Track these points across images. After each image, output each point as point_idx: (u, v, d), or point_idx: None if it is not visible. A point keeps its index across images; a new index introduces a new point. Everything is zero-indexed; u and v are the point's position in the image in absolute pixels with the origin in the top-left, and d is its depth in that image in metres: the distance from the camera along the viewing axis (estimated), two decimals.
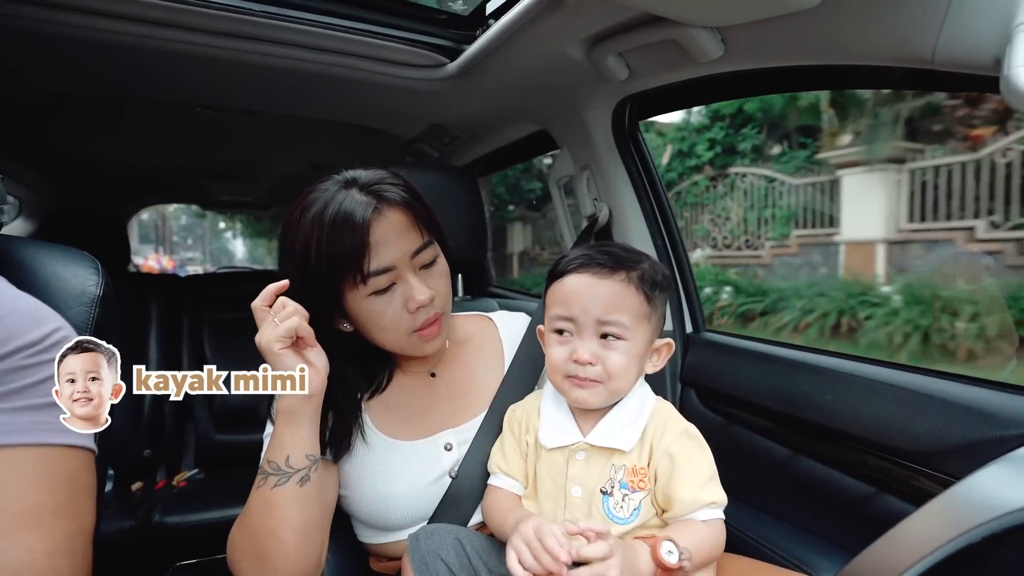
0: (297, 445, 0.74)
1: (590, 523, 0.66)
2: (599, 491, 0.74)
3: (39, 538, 0.54)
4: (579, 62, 1.11)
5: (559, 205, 1.63)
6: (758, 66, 0.95)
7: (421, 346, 0.86)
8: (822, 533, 0.96)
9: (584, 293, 0.74)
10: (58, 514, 0.57)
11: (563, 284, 0.77)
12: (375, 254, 0.77)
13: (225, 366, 2.47)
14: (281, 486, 0.73)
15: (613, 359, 0.73)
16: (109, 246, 2.59)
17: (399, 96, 1.44)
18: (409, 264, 0.81)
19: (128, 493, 2.02)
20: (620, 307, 0.73)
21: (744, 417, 1.14)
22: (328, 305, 0.81)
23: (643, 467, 0.75)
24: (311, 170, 2.49)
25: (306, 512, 0.74)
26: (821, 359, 1.04)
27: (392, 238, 0.78)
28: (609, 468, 0.75)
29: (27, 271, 0.78)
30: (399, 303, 0.81)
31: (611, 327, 0.73)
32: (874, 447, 0.88)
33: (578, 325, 0.74)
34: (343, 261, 0.76)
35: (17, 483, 0.55)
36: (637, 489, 0.74)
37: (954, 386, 0.84)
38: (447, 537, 0.76)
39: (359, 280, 0.78)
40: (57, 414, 0.59)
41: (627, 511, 0.74)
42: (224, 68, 1.27)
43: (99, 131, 1.94)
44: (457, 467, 0.88)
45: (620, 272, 0.75)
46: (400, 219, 0.80)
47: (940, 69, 0.69)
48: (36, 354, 0.59)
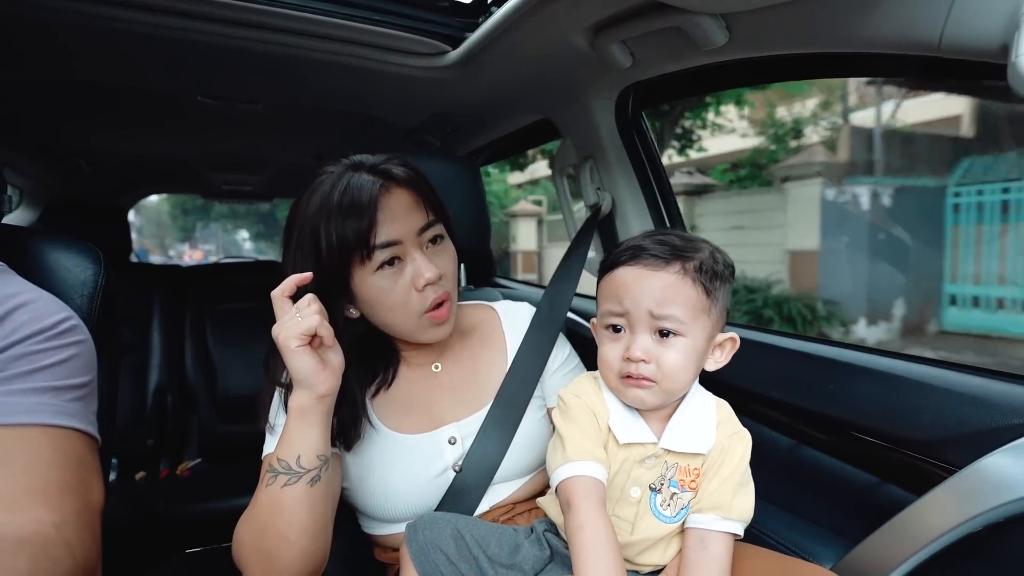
0: (308, 445, 0.73)
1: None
2: (648, 487, 0.73)
3: (48, 511, 0.55)
4: (582, 50, 1.10)
5: (562, 194, 1.63)
6: (763, 54, 0.94)
7: (430, 330, 0.85)
8: (824, 522, 0.96)
9: (635, 286, 0.70)
10: (66, 490, 0.58)
11: (613, 277, 0.73)
12: (381, 228, 0.78)
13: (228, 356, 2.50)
14: (291, 485, 0.72)
15: (669, 357, 0.69)
16: (110, 236, 2.59)
17: (400, 84, 1.43)
18: (416, 241, 0.82)
19: (132, 482, 2.03)
20: (674, 300, 0.69)
21: (747, 407, 1.14)
22: (337, 286, 0.81)
23: (697, 468, 0.73)
24: (312, 160, 2.48)
25: (315, 513, 0.74)
26: (825, 349, 1.04)
27: (399, 214, 0.80)
28: (661, 465, 0.73)
29: (29, 261, 0.78)
30: (407, 280, 0.81)
31: (666, 322, 0.69)
32: (877, 436, 0.88)
33: (630, 320, 0.70)
34: (351, 236, 0.77)
35: (26, 459, 0.56)
36: (688, 489, 0.72)
37: (957, 375, 0.84)
38: (446, 527, 0.75)
39: (366, 255, 0.78)
40: (65, 397, 0.60)
41: (674, 510, 0.72)
42: (224, 56, 1.26)
43: (99, 120, 1.94)
44: (461, 461, 0.88)
45: (675, 263, 0.70)
46: (406, 198, 0.81)
47: (947, 56, 0.69)
48: (47, 340, 0.61)
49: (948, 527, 0.73)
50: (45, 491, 0.56)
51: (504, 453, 0.88)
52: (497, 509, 0.89)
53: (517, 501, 0.90)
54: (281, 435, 0.75)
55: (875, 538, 0.81)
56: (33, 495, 0.55)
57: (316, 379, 0.72)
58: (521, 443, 0.89)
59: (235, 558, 0.76)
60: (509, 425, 0.90)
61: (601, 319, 0.75)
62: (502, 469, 0.88)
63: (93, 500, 0.61)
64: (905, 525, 0.78)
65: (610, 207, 1.39)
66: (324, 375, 0.73)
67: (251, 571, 0.74)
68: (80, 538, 0.57)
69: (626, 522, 0.73)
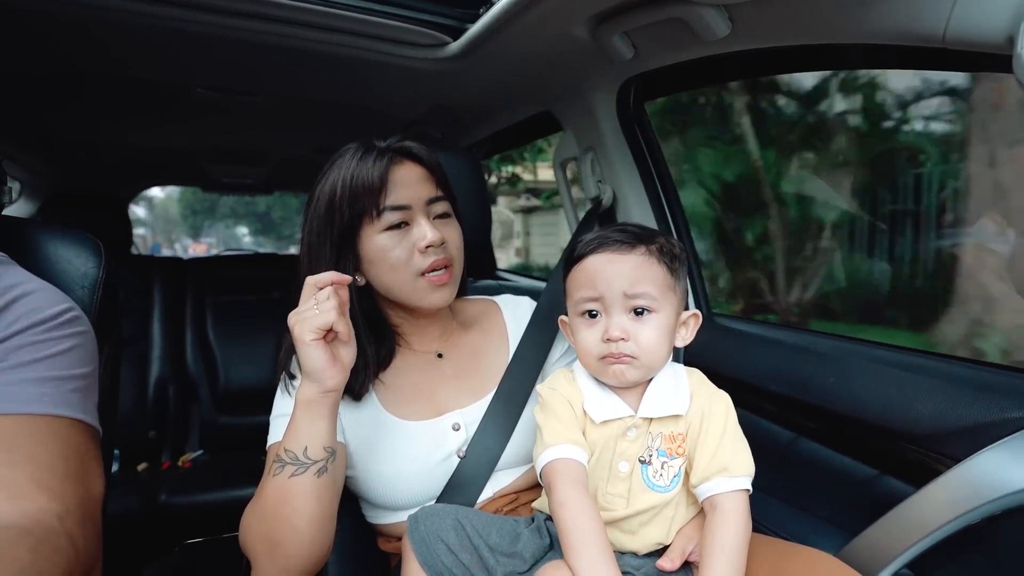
0: (315, 437, 0.74)
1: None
2: (637, 460, 0.74)
3: (50, 500, 0.55)
4: (584, 41, 1.10)
5: (562, 187, 1.62)
6: (765, 45, 0.94)
7: (428, 294, 0.87)
8: (823, 514, 0.97)
9: (607, 269, 0.74)
10: (68, 479, 0.58)
11: (584, 266, 0.77)
12: (392, 191, 0.83)
13: (228, 348, 2.50)
14: (298, 476, 0.73)
15: (645, 333, 0.73)
16: (110, 228, 2.58)
17: (401, 76, 1.42)
18: (423, 209, 0.86)
19: (134, 474, 2.04)
20: (644, 279, 0.74)
21: (747, 400, 1.14)
22: (347, 247, 0.85)
23: (680, 432, 0.75)
24: (313, 153, 2.47)
25: (322, 503, 0.75)
26: (824, 342, 1.04)
27: (410, 183, 0.85)
28: (647, 437, 0.75)
29: (30, 253, 0.78)
30: (410, 242, 0.85)
31: (639, 299, 0.73)
32: (876, 429, 0.88)
33: (605, 303, 0.74)
34: (363, 195, 0.83)
35: (29, 447, 0.56)
36: (676, 455, 0.75)
37: (956, 368, 0.84)
38: (447, 518, 0.76)
39: (375, 215, 0.83)
40: (66, 388, 0.60)
41: (667, 479, 0.74)
42: (224, 48, 1.25)
43: (99, 112, 1.93)
44: (465, 447, 0.89)
45: (640, 246, 0.75)
46: (419, 171, 0.87)
47: (951, 48, 0.68)
48: (48, 330, 0.61)
49: (947, 519, 0.73)
50: (47, 480, 0.56)
51: (507, 441, 0.89)
52: (501, 498, 0.89)
53: (520, 490, 0.91)
54: (288, 426, 0.75)
55: (874, 529, 0.81)
56: (36, 484, 0.55)
57: (325, 374, 0.73)
58: (523, 431, 0.90)
59: (242, 545, 0.77)
60: (511, 415, 0.91)
61: (575, 307, 0.78)
62: (505, 456, 0.89)
63: (94, 490, 0.62)
64: (904, 517, 0.78)
65: (611, 200, 1.39)
66: (334, 371, 0.73)
67: (257, 558, 0.75)
68: (82, 528, 0.57)
69: (620, 498, 0.75)
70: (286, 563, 0.74)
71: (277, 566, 0.74)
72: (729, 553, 0.68)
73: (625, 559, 0.74)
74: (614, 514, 0.74)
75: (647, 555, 0.76)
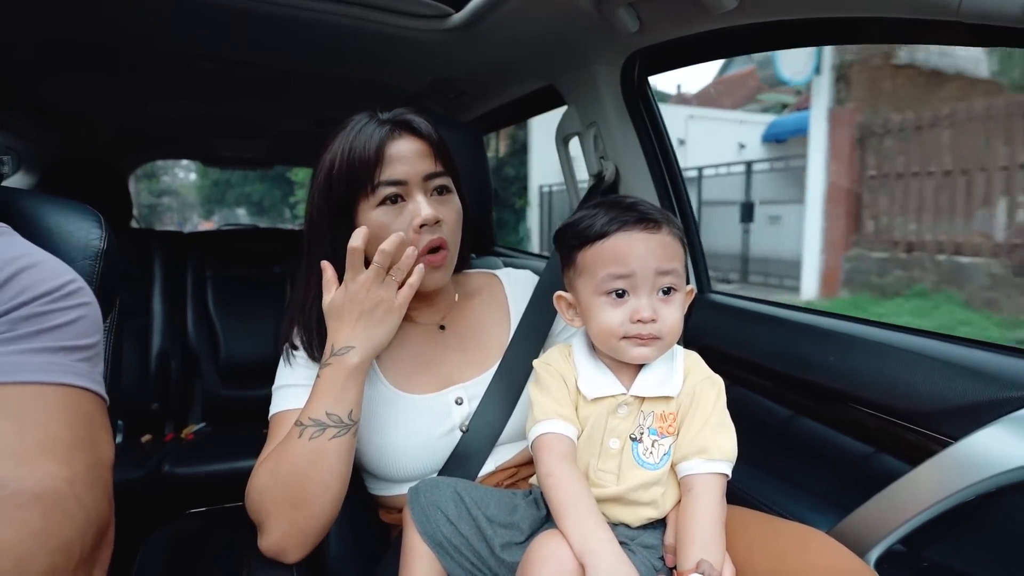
0: (357, 401, 0.79)
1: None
2: (628, 438, 0.75)
3: (59, 467, 0.55)
4: (588, 12, 1.08)
5: (564, 162, 1.61)
6: (775, 18, 0.92)
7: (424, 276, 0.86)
8: (819, 491, 0.98)
9: (641, 247, 0.73)
10: (77, 446, 0.58)
11: (612, 243, 0.75)
12: (388, 165, 0.82)
13: (228, 322, 2.51)
14: (340, 437, 0.77)
15: (670, 313, 0.74)
16: (111, 201, 2.57)
17: (403, 47, 1.40)
18: (421, 185, 0.85)
19: (138, 445, 2.06)
20: (673, 257, 0.75)
21: (746, 377, 1.15)
22: (345, 220, 0.84)
23: (672, 412, 0.76)
24: (313, 125, 2.45)
25: (351, 462, 0.80)
26: (824, 320, 1.04)
27: (407, 157, 0.84)
28: (638, 415, 0.76)
29: (30, 224, 0.78)
30: (405, 219, 0.84)
31: (669, 277, 0.74)
32: (875, 408, 0.89)
33: (636, 282, 0.73)
34: (358, 168, 0.82)
35: (37, 415, 0.56)
36: (667, 434, 0.75)
37: (955, 348, 0.84)
38: (446, 490, 0.78)
39: (371, 189, 0.82)
40: (74, 357, 0.60)
41: (657, 456, 0.75)
42: (223, 17, 1.23)
43: (98, 83, 1.90)
44: (468, 421, 0.89)
45: (664, 225, 0.75)
46: (418, 146, 0.85)
47: (965, 21, 0.67)
48: (54, 301, 0.61)
49: (941, 496, 0.74)
50: (56, 447, 0.56)
51: (509, 415, 0.90)
52: (501, 471, 0.90)
53: (520, 464, 0.92)
54: (328, 392, 0.78)
55: (869, 506, 0.82)
56: (45, 451, 0.55)
57: (389, 340, 0.80)
58: (525, 406, 0.90)
59: (254, 508, 0.78)
60: (513, 389, 0.91)
61: (599, 286, 0.75)
62: (507, 431, 0.90)
63: (104, 456, 0.62)
64: (899, 494, 0.79)
65: (613, 176, 1.38)
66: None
67: (275, 518, 0.76)
68: (92, 493, 0.57)
69: (610, 474, 0.76)
70: (306, 523, 0.75)
71: (296, 527, 0.75)
72: (702, 536, 0.69)
73: (619, 530, 0.75)
74: (605, 491, 0.75)
75: (639, 528, 0.77)
